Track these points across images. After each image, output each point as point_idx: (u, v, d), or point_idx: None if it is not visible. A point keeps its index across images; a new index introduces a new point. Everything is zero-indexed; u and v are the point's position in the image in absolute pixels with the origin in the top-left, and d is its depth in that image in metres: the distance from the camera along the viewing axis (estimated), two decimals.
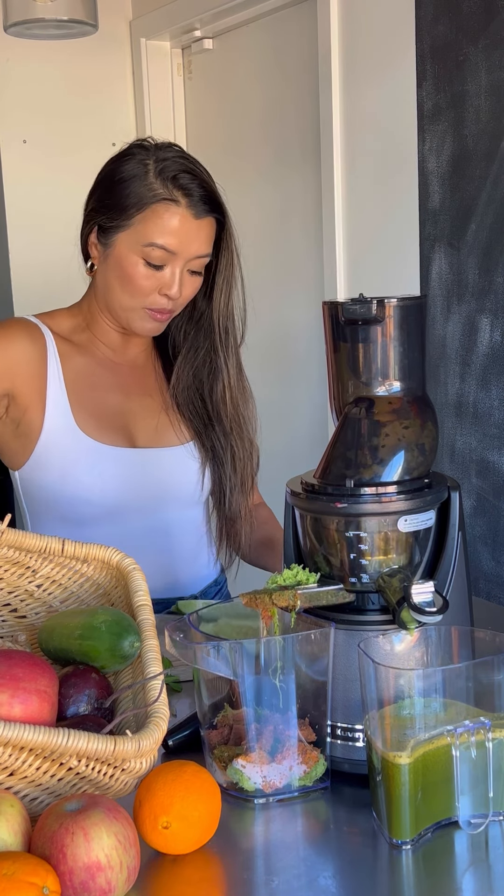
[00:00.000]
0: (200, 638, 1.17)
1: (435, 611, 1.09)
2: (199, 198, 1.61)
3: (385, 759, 1.05)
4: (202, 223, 1.62)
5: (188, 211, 1.60)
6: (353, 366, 1.20)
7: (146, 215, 1.59)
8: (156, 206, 1.59)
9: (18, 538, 1.29)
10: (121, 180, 1.61)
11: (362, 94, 2.48)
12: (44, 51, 3.11)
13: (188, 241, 1.60)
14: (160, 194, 1.59)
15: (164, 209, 1.59)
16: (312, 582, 1.19)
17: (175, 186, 1.59)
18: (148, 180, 1.59)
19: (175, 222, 1.59)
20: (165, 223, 1.59)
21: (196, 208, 1.60)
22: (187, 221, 1.60)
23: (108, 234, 1.63)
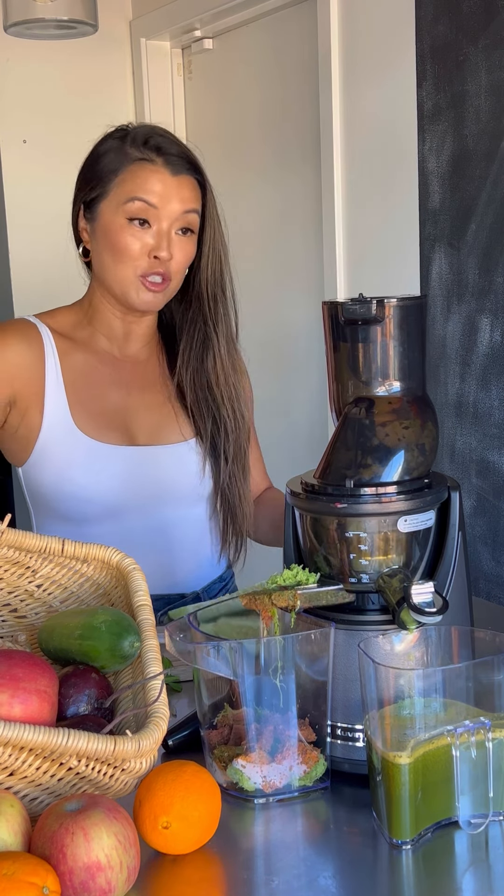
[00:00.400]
0: (200, 638, 1.17)
1: (435, 611, 1.09)
2: (175, 155, 1.63)
3: (385, 759, 1.05)
4: (181, 180, 1.62)
5: (164, 168, 1.61)
6: (353, 366, 1.20)
7: (124, 177, 1.61)
8: (132, 167, 1.61)
9: (18, 538, 1.29)
10: (98, 156, 1.65)
11: (362, 94, 2.48)
12: (44, 51, 3.11)
13: (167, 196, 1.60)
14: (135, 155, 1.61)
15: (140, 168, 1.61)
16: (312, 582, 1.19)
17: (148, 147, 1.62)
18: (123, 149, 1.63)
19: (152, 178, 1.60)
20: (143, 179, 1.60)
21: (172, 165, 1.62)
22: (165, 177, 1.61)
23: (93, 207, 1.65)
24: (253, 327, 3.12)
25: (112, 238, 1.62)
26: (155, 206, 1.60)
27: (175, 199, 1.61)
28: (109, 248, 1.63)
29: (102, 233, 1.64)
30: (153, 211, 1.60)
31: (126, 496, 1.68)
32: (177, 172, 1.62)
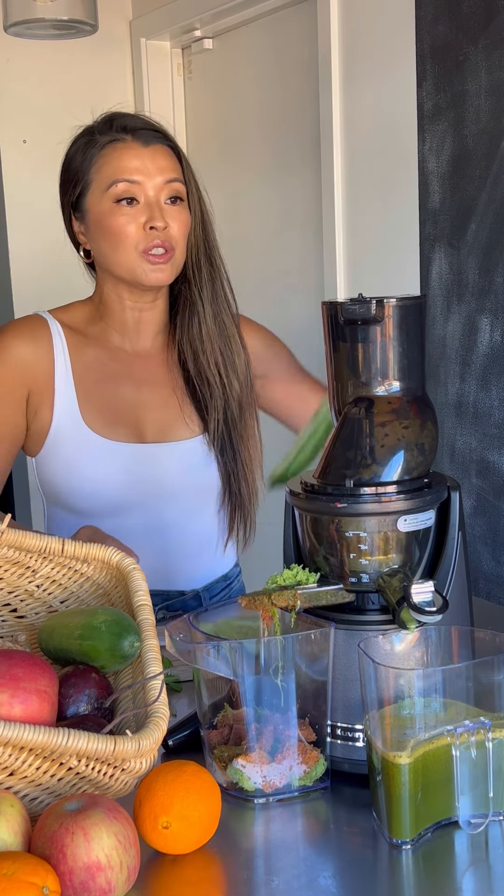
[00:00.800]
0: (200, 638, 1.17)
1: (435, 611, 1.09)
2: (142, 129, 1.64)
3: (385, 759, 1.05)
4: (154, 149, 1.63)
5: (135, 142, 1.62)
6: (352, 366, 1.20)
7: (99, 164, 1.62)
8: (104, 151, 1.62)
9: (18, 538, 1.29)
10: (71, 157, 1.67)
11: (362, 94, 2.48)
12: (44, 51, 3.11)
13: (145, 168, 1.61)
14: (104, 141, 1.63)
15: (112, 149, 1.62)
16: (312, 582, 1.19)
17: (114, 129, 1.63)
18: (92, 139, 1.64)
19: (127, 155, 1.61)
20: (118, 159, 1.61)
21: (142, 138, 1.63)
22: (138, 150, 1.62)
23: (79, 205, 1.65)
24: None
25: (105, 225, 1.62)
26: (137, 181, 1.60)
27: (153, 168, 1.62)
28: (106, 236, 1.63)
29: (95, 224, 1.64)
30: (136, 186, 1.61)
31: (132, 493, 1.69)
32: (148, 143, 1.63)
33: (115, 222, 1.61)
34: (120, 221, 1.61)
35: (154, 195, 1.61)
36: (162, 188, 1.62)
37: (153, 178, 1.61)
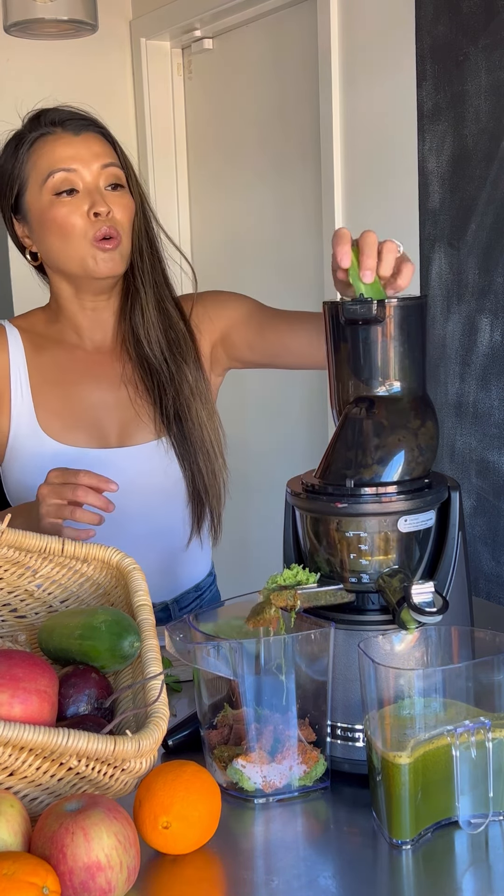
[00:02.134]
0: (200, 638, 1.17)
1: (435, 611, 1.09)
2: (69, 118, 1.61)
3: (385, 759, 1.05)
4: (86, 136, 1.61)
5: (65, 132, 1.60)
6: (353, 366, 1.20)
7: (32, 160, 1.60)
8: (35, 147, 1.60)
9: (18, 538, 1.29)
10: (4, 161, 1.64)
11: (362, 94, 2.48)
12: (44, 51, 3.11)
13: (79, 155, 1.58)
14: (33, 136, 1.60)
15: (43, 143, 1.60)
16: (312, 582, 1.19)
17: (41, 123, 1.61)
18: (22, 139, 1.62)
19: (59, 146, 1.59)
20: (50, 151, 1.59)
21: (72, 128, 1.60)
22: (69, 139, 1.59)
23: (19, 206, 1.63)
24: None
25: (48, 219, 1.59)
26: (73, 168, 1.58)
27: (88, 154, 1.59)
28: (51, 231, 1.59)
29: (38, 222, 1.61)
30: (73, 175, 1.58)
31: None
32: (79, 131, 1.60)
33: (58, 214, 1.58)
34: (63, 213, 1.58)
35: (93, 181, 1.58)
36: (100, 174, 1.59)
37: (89, 165, 1.58)
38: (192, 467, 1.68)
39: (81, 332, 1.70)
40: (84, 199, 1.58)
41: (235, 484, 1.83)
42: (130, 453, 1.66)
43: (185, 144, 3.38)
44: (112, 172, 1.61)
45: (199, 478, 1.68)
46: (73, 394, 1.68)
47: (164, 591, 1.76)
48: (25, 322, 1.72)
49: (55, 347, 1.70)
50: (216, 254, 3.29)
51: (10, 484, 1.69)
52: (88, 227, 1.58)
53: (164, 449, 1.67)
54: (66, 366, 1.69)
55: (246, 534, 3.13)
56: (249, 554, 3.11)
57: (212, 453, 1.69)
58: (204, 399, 1.70)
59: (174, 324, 1.69)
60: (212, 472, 1.69)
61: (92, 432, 1.66)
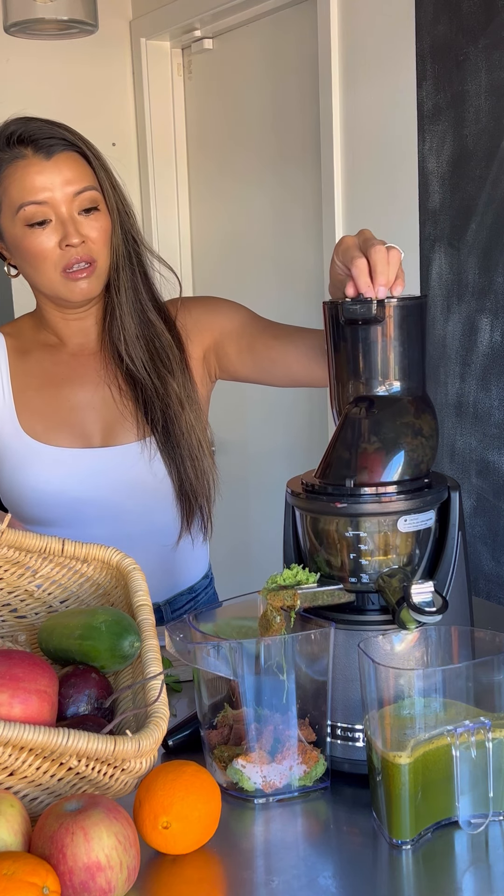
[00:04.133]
0: (200, 638, 1.17)
1: (434, 611, 1.09)
2: (44, 138, 1.56)
3: (385, 759, 1.05)
4: (59, 160, 1.55)
5: (37, 156, 1.55)
6: (353, 366, 1.20)
7: (5, 185, 1.56)
8: (6, 171, 1.55)
9: (18, 538, 1.30)
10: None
11: (362, 94, 2.48)
12: (44, 51, 3.11)
13: (52, 185, 1.54)
14: (5, 159, 1.55)
15: (14, 168, 1.55)
16: (312, 582, 1.19)
17: (14, 143, 1.55)
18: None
19: (30, 174, 1.54)
20: (21, 180, 1.54)
21: (44, 150, 1.55)
22: (40, 166, 1.54)
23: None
24: None
25: (22, 248, 1.57)
26: (44, 200, 1.54)
27: (60, 181, 1.54)
28: (25, 258, 1.59)
29: (12, 246, 1.60)
30: (45, 207, 1.54)
31: (81, 500, 1.64)
32: (51, 153, 1.55)
33: (30, 245, 1.56)
34: (34, 244, 1.55)
35: (66, 210, 1.55)
36: (73, 201, 1.55)
37: (61, 193, 1.54)
38: (179, 469, 1.66)
39: (63, 337, 1.70)
40: (56, 230, 1.55)
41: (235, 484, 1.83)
42: (115, 453, 1.65)
43: (185, 144, 3.38)
44: (87, 197, 1.56)
45: (186, 479, 1.67)
46: (56, 395, 1.68)
47: (155, 592, 1.74)
48: (12, 328, 1.73)
49: (39, 351, 1.70)
50: (216, 254, 3.29)
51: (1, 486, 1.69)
52: (59, 257, 1.56)
53: (149, 449, 1.66)
54: (49, 368, 1.69)
55: (246, 534, 3.13)
56: (249, 554, 3.11)
57: (198, 454, 1.67)
58: (192, 407, 1.68)
59: (158, 334, 1.67)
60: (200, 471, 1.68)
61: (75, 433, 1.66)
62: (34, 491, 1.63)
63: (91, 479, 1.64)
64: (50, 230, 1.55)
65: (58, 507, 1.64)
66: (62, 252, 1.55)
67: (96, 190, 1.58)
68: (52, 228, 1.55)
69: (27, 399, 1.66)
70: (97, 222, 1.57)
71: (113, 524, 1.66)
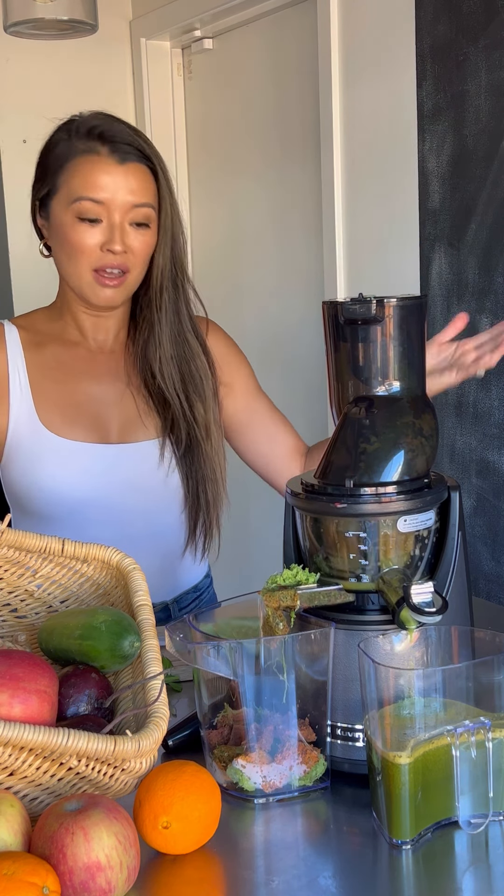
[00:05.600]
0: (200, 638, 1.17)
1: (434, 611, 1.09)
2: (121, 142, 1.57)
3: (385, 759, 1.05)
4: (129, 168, 1.56)
5: (111, 158, 1.56)
6: (353, 366, 1.20)
7: (70, 172, 1.57)
8: (77, 160, 1.57)
9: (18, 538, 1.30)
10: (47, 150, 1.62)
11: (362, 94, 2.48)
12: (44, 51, 3.11)
13: (115, 188, 1.55)
14: (79, 148, 1.57)
15: (85, 161, 1.56)
16: (312, 582, 1.19)
17: (92, 137, 1.57)
18: (70, 140, 1.59)
19: (98, 171, 1.55)
20: (88, 174, 1.56)
21: (119, 153, 1.56)
22: (111, 168, 1.56)
23: (46, 204, 1.62)
24: (253, 327, 3.12)
25: (64, 236, 1.58)
26: (102, 202, 1.55)
27: (123, 189, 1.56)
28: (63, 246, 1.60)
29: (55, 230, 1.61)
30: (101, 207, 1.55)
31: (93, 495, 1.65)
32: (124, 160, 1.56)
33: (74, 236, 1.57)
34: (78, 237, 1.57)
35: (119, 218, 1.56)
36: (128, 211, 1.56)
37: (120, 200, 1.56)
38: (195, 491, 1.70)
39: (84, 331, 1.70)
40: (104, 232, 1.56)
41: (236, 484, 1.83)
42: (130, 450, 1.67)
43: (185, 144, 3.38)
44: (142, 212, 1.58)
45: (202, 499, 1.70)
46: (74, 389, 1.68)
47: (163, 590, 1.76)
48: (25, 321, 1.72)
49: (55, 344, 1.70)
50: (216, 254, 3.29)
51: (11, 482, 1.69)
52: (97, 258, 1.57)
53: (165, 447, 1.68)
54: (66, 362, 1.69)
55: (246, 534, 3.13)
56: (249, 554, 3.11)
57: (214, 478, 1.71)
58: (218, 433, 1.72)
59: (194, 356, 1.69)
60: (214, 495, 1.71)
61: (92, 427, 1.67)
62: (49, 484, 1.64)
63: (106, 475, 1.65)
64: (98, 229, 1.57)
65: (71, 501, 1.64)
66: (101, 254, 1.57)
67: (153, 209, 1.60)
68: (100, 228, 1.57)
69: (45, 392, 1.66)
70: (143, 237, 1.59)
71: (121, 523, 1.67)
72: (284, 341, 3.00)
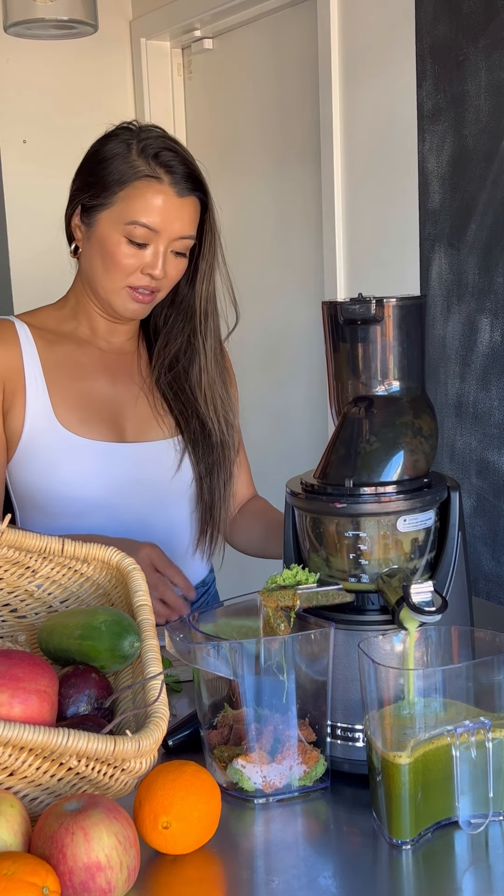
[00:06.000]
0: (200, 638, 1.17)
1: (434, 611, 1.09)
2: (182, 175, 1.60)
3: (385, 759, 1.05)
4: (185, 202, 1.60)
5: (171, 189, 1.59)
6: (352, 366, 1.20)
7: (129, 193, 1.58)
8: (138, 184, 1.58)
9: (18, 538, 1.29)
10: (104, 159, 1.61)
11: (362, 94, 2.48)
12: (44, 51, 3.11)
13: (171, 220, 1.59)
14: (143, 171, 1.58)
15: (147, 186, 1.58)
16: (312, 582, 1.19)
17: (157, 164, 1.59)
18: (131, 158, 1.59)
19: (158, 200, 1.58)
20: (148, 201, 1.58)
21: (179, 186, 1.59)
22: (170, 200, 1.58)
23: (91, 213, 1.62)
24: (253, 327, 3.12)
25: (107, 251, 1.60)
26: (156, 230, 1.58)
27: (176, 222, 1.59)
28: (103, 259, 1.62)
29: (98, 241, 1.62)
30: (153, 235, 1.59)
31: (110, 493, 1.67)
32: (182, 194, 1.60)
33: (118, 253, 1.60)
34: (122, 256, 1.60)
35: (164, 247, 1.60)
36: (173, 241, 1.61)
37: (171, 232, 1.59)
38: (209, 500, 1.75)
39: (98, 332, 1.72)
40: (146, 256, 1.60)
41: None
42: (145, 448, 1.70)
43: (184, 144, 3.38)
44: (184, 244, 1.63)
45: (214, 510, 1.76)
46: (90, 388, 1.70)
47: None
48: (33, 318, 1.73)
49: (67, 343, 1.71)
50: None
51: (25, 480, 1.68)
52: (134, 278, 1.61)
53: (177, 447, 1.72)
54: (80, 360, 1.71)
55: None
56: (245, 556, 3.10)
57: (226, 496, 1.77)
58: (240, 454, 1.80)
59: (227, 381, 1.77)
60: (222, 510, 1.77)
61: (108, 426, 1.69)
62: (66, 481, 1.65)
63: (122, 473, 1.68)
64: (142, 253, 1.60)
65: (86, 499, 1.66)
66: (139, 275, 1.61)
67: (194, 240, 1.64)
68: (145, 252, 1.60)
69: (61, 390, 1.68)
70: (180, 265, 1.65)
71: (134, 520, 1.70)
72: (284, 341, 3.00)
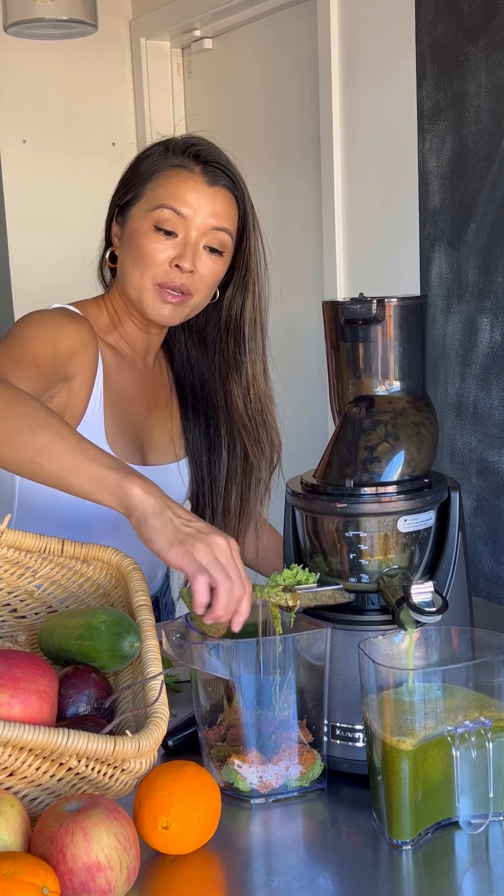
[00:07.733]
0: (198, 638, 1.17)
1: (434, 611, 1.09)
2: (214, 164, 1.57)
3: (386, 745, 1.04)
4: (216, 191, 1.56)
5: (201, 177, 1.56)
6: (353, 365, 1.20)
7: (157, 181, 1.56)
8: (167, 172, 1.56)
9: (18, 538, 1.30)
10: (139, 161, 1.60)
11: (362, 94, 2.48)
12: (44, 51, 3.11)
13: (199, 205, 1.54)
14: (172, 162, 1.56)
15: (176, 174, 1.55)
16: (312, 582, 1.19)
17: (187, 155, 1.56)
18: (164, 156, 1.58)
19: (186, 185, 1.55)
20: (176, 186, 1.55)
21: (209, 175, 1.56)
22: (199, 186, 1.55)
23: (125, 211, 1.60)
24: None
25: (136, 242, 1.56)
26: (184, 215, 1.54)
27: (207, 210, 1.55)
28: (132, 253, 1.57)
29: (129, 237, 1.58)
30: (180, 220, 1.54)
31: None
32: (213, 183, 1.56)
33: (146, 244, 1.55)
34: (151, 246, 1.55)
35: (195, 237, 1.55)
36: (206, 233, 1.55)
37: (201, 219, 1.55)
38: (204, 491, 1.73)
39: (134, 349, 1.68)
40: (176, 247, 1.55)
41: None
42: (160, 472, 1.67)
43: None
44: (219, 237, 1.57)
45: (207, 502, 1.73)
46: (132, 412, 1.67)
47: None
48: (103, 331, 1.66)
49: (116, 358, 1.67)
50: None
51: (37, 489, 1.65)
52: (163, 272, 1.55)
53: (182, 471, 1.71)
54: (127, 380, 1.67)
55: None
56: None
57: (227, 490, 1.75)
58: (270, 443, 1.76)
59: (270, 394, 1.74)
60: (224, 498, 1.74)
61: (136, 449, 1.67)
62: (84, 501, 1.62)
63: None
64: (171, 242, 1.55)
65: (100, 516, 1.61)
66: (168, 269, 1.55)
67: (231, 237, 1.59)
68: (174, 242, 1.55)
69: (112, 415, 1.64)
70: (214, 264, 1.58)
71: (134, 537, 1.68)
72: (284, 341, 3.00)
